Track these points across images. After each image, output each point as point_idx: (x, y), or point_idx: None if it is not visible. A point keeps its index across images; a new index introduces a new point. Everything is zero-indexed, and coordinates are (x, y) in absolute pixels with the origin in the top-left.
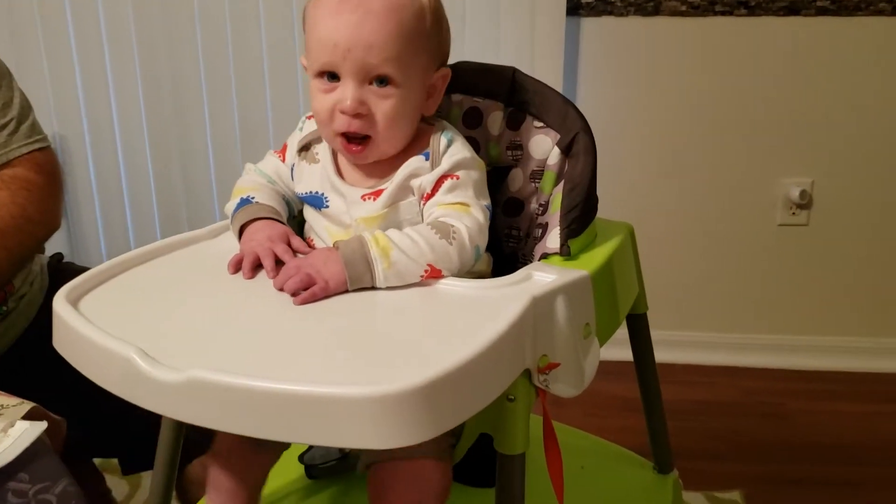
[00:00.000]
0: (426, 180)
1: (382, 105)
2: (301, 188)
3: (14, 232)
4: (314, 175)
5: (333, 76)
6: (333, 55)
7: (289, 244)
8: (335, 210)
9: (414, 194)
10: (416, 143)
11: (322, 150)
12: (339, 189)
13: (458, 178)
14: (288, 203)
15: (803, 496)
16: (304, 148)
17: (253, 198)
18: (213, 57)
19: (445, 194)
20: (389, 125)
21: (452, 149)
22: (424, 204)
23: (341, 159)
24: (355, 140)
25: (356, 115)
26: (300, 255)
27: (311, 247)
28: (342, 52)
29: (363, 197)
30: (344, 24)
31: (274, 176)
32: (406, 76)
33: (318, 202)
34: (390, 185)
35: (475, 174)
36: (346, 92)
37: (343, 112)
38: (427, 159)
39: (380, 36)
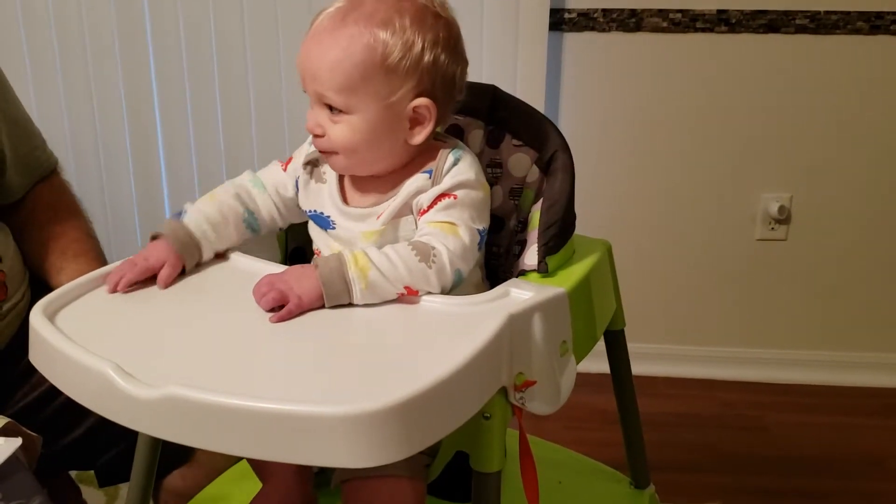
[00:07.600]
0: (425, 198)
1: (334, 129)
2: (307, 205)
3: None
4: (321, 195)
5: None
6: (301, 79)
7: (156, 272)
8: (343, 232)
9: (412, 212)
10: (422, 161)
11: (329, 171)
12: (344, 212)
13: (455, 198)
14: (252, 227)
15: None
16: (312, 164)
17: (185, 214)
18: (198, 71)
19: (438, 212)
20: (345, 148)
21: (456, 169)
22: (419, 219)
23: (346, 181)
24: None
25: (315, 135)
26: (276, 272)
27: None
28: (302, 78)
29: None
30: (304, 53)
31: (271, 187)
32: (354, 105)
33: (324, 223)
34: (393, 202)
35: (476, 195)
36: (310, 113)
37: (307, 129)
38: (430, 177)
39: (321, 66)
